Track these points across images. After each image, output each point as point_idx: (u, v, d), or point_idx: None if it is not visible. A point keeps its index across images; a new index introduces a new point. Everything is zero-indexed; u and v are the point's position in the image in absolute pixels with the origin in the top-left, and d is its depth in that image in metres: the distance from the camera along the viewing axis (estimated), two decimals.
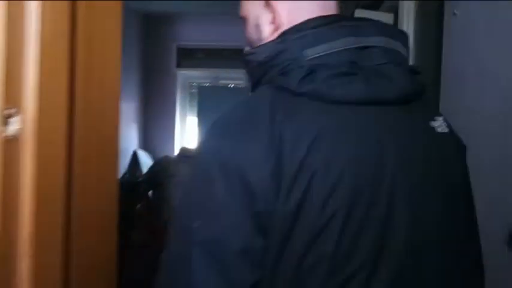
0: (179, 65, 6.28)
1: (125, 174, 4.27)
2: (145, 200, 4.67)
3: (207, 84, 6.39)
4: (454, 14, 1.42)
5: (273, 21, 0.69)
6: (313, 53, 0.60)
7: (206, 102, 6.14)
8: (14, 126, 0.62)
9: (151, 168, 4.84)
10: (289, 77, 0.60)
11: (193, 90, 6.66)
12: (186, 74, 6.45)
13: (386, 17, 1.92)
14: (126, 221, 4.62)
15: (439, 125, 0.66)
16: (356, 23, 0.63)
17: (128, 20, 5.77)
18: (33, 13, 0.66)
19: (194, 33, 5.92)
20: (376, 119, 0.61)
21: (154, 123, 6.27)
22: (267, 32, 0.71)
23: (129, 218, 4.19)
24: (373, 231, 0.56)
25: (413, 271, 0.58)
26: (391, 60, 0.63)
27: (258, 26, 0.71)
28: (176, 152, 5.75)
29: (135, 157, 5.87)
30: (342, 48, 0.61)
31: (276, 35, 0.67)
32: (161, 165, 4.72)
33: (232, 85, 6.16)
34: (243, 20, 0.76)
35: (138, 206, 3.30)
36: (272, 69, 0.63)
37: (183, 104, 6.64)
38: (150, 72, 6.20)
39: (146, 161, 5.69)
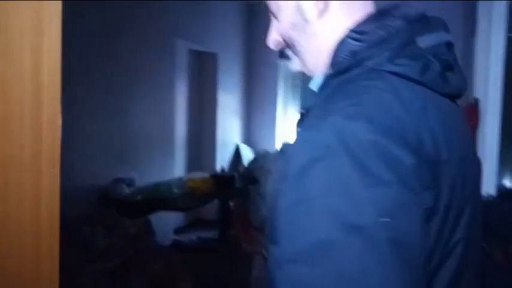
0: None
1: (222, 169, 4.21)
2: (242, 195, 4.57)
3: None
4: None
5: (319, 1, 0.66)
6: (425, 41, 0.62)
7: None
8: None
9: (249, 164, 4.72)
10: (408, 64, 0.60)
11: (297, 81, 6.37)
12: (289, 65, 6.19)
13: None
14: (222, 215, 4.62)
15: None
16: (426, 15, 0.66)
17: (231, 12, 5.81)
18: None
19: None
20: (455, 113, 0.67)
21: (256, 116, 6.16)
22: (314, 13, 0.66)
23: (225, 213, 4.14)
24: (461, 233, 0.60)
25: (469, 270, 0.63)
26: (454, 55, 0.66)
27: (299, 8, 0.67)
28: (278, 146, 5.55)
29: (237, 151, 5.87)
30: (443, 41, 0.64)
31: (325, 15, 0.66)
32: (259, 160, 4.57)
33: None
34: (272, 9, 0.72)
35: (234, 201, 3.17)
36: (381, 52, 0.61)
37: (286, 97, 6.40)
38: (252, 63, 6.10)
39: (248, 155, 5.62)
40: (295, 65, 0.75)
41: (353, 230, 0.50)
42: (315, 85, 0.68)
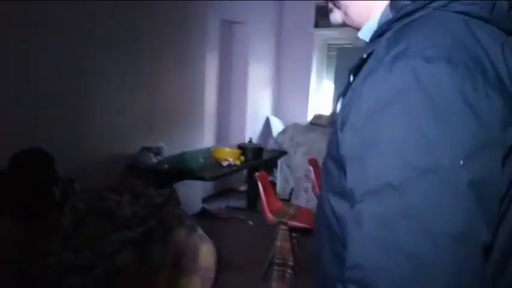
0: (317, 25, 5.82)
1: (250, 139, 4.20)
2: (270, 166, 4.56)
3: (347, 45, 5.79)
4: None
5: None
6: None
7: (345, 65, 5.62)
8: None
9: (278, 135, 4.68)
10: (475, 2, 0.58)
11: (332, 52, 6.15)
12: (324, 35, 5.95)
13: None
14: (250, 185, 4.65)
15: None
16: None
17: None
18: None
19: None
20: None
21: (289, 87, 6.04)
22: None
23: (253, 183, 4.16)
24: None
25: None
26: None
27: None
28: (309, 118, 5.45)
29: (267, 123, 5.82)
30: None
31: None
32: (289, 132, 4.52)
33: None
34: None
35: (259, 172, 3.17)
36: None
37: (320, 67, 6.21)
38: (286, 32, 5.92)
39: (278, 127, 5.57)
40: (336, 17, 0.76)
41: (428, 172, 0.50)
42: (364, 34, 0.72)
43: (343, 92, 0.74)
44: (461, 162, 0.50)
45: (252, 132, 5.16)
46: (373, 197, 0.53)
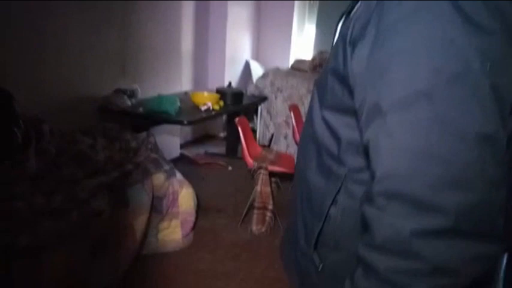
0: None
1: (229, 84, 4.05)
2: (249, 112, 4.46)
3: None
4: None
5: None
6: None
7: (327, 10, 5.39)
8: None
9: (259, 80, 4.53)
10: None
11: None
12: None
13: None
14: (229, 131, 4.58)
15: None
16: None
17: None
18: None
19: None
20: None
21: (270, 30, 5.78)
22: None
23: (232, 129, 4.08)
24: None
25: None
26: None
27: None
28: (291, 63, 5.29)
29: (247, 67, 5.63)
30: None
31: None
32: (269, 77, 4.37)
33: None
34: None
35: (239, 118, 3.08)
36: None
37: (302, 11, 5.94)
38: None
39: (258, 71, 5.40)
40: None
41: (457, 76, 0.51)
42: None
43: (347, 9, 0.73)
44: (488, 67, 0.51)
45: (231, 77, 4.98)
46: (403, 105, 0.54)
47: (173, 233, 2.57)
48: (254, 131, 4.14)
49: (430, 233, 0.53)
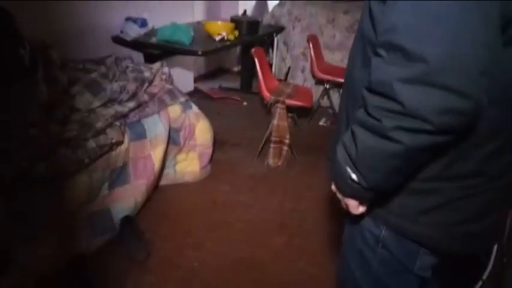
0: None
1: (244, 12, 3.81)
2: (265, 43, 4.26)
3: None
4: None
5: None
6: None
7: None
8: None
9: (275, 8, 4.26)
10: None
11: None
12: None
13: None
14: (244, 64, 4.42)
15: None
16: None
17: None
18: None
19: None
20: None
21: None
22: None
23: (247, 61, 3.93)
24: None
25: None
26: None
27: None
28: None
29: None
30: None
31: None
32: (287, 6, 4.10)
33: None
34: None
35: (255, 48, 2.93)
36: None
37: None
38: None
39: (274, 2, 5.08)
40: None
41: None
42: None
43: None
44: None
45: (245, 5, 4.70)
46: None
47: (191, 164, 2.57)
48: (270, 65, 3.98)
49: (410, 79, 0.63)
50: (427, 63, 0.61)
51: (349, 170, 0.77)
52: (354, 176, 0.77)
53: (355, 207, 0.87)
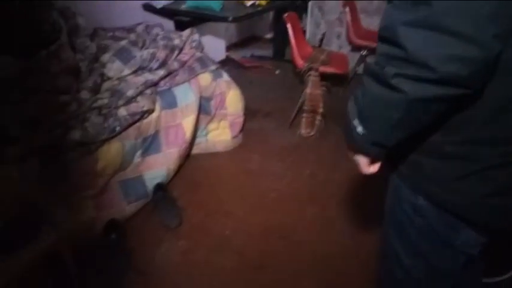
0: None
1: None
2: (299, 9, 4.09)
3: None
4: None
5: None
6: None
7: None
8: None
9: None
10: None
11: None
12: None
13: None
14: (277, 31, 4.28)
15: None
16: None
17: None
18: None
19: None
20: None
21: None
22: None
23: (280, 28, 3.78)
24: None
25: None
26: None
27: None
28: None
29: None
30: None
31: None
32: None
33: None
34: None
35: (288, 14, 2.81)
36: None
37: None
38: None
39: None
40: None
41: None
42: None
43: None
44: None
45: None
46: None
47: (222, 134, 2.55)
48: (303, 32, 3.83)
49: (413, 23, 0.60)
50: (430, 6, 0.58)
51: (355, 122, 0.76)
52: (359, 129, 0.75)
53: (366, 166, 0.84)
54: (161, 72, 2.14)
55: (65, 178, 1.56)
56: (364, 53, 3.50)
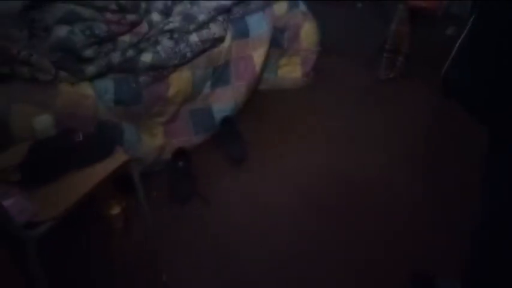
0: None
1: None
2: None
3: None
4: None
5: None
6: None
7: None
8: None
9: None
10: None
11: None
12: None
13: None
14: None
15: None
16: None
17: None
18: None
19: None
20: None
21: None
22: None
23: None
24: None
25: None
26: None
27: None
28: None
29: None
30: None
31: None
32: None
33: None
34: None
35: None
36: None
37: None
38: None
39: None
40: None
41: None
42: None
43: None
44: None
45: None
46: None
47: (293, 70, 2.42)
48: None
49: None
50: None
51: None
52: None
53: None
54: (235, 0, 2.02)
55: (138, 101, 1.58)
56: None
